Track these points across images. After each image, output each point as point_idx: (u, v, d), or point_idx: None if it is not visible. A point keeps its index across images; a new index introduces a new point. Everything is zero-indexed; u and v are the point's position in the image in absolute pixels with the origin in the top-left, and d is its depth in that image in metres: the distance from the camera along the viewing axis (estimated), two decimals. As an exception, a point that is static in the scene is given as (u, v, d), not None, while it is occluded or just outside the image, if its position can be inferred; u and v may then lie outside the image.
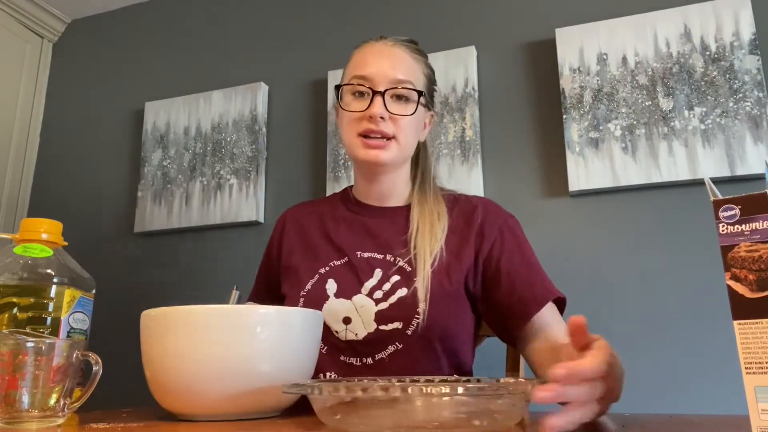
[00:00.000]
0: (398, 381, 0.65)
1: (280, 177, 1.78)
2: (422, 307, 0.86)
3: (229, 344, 0.62)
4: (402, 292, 0.88)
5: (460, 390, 0.46)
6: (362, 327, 0.88)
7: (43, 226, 0.76)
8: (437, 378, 0.66)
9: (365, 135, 0.90)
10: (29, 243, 0.75)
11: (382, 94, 0.90)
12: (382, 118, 0.89)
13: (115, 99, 2.05)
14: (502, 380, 0.53)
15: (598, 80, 1.48)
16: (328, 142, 1.69)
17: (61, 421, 0.60)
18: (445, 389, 0.46)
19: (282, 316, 0.67)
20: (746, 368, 0.40)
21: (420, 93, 0.93)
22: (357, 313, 0.88)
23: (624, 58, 1.47)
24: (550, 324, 0.87)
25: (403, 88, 0.91)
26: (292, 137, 1.80)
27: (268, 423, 0.62)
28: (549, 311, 0.88)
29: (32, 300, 0.72)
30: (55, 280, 0.74)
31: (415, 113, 0.92)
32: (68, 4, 2.12)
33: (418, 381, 0.66)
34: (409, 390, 0.46)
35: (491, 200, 1.02)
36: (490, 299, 0.92)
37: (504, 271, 0.90)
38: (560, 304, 0.91)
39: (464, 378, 0.66)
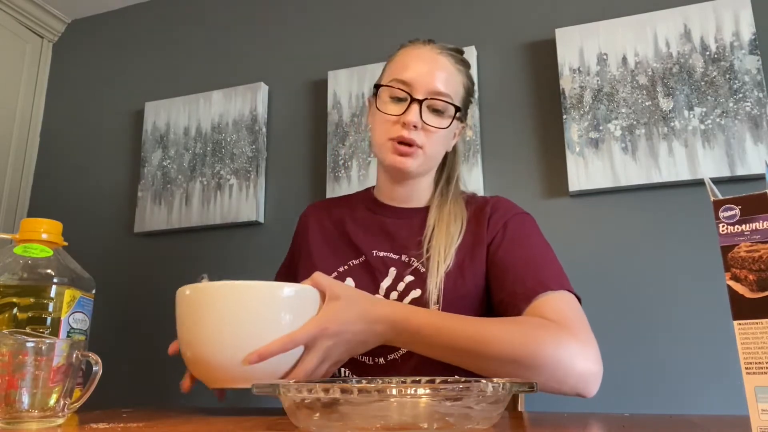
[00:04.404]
0: (368, 381, 0.65)
1: (280, 177, 1.78)
2: (434, 308, 0.86)
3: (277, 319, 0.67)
4: (416, 293, 0.88)
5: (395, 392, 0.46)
6: None
7: (43, 226, 0.76)
8: (424, 379, 0.65)
9: (396, 140, 0.90)
10: (29, 243, 0.75)
11: (420, 102, 0.89)
12: (415, 126, 0.89)
13: (115, 99, 2.05)
14: (461, 383, 0.49)
15: (598, 80, 1.48)
16: (328, 142, 1.69)
17: (61, 421, 0.60)
18: (381, 392, 0.46)
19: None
20: (746, 368, 0.40)
21: (457, 108, 0.92)
22: None
23: (624, 58, 1.47)
24: (539, 313, 0.78)
25: (441, 100, 0.90)
26: (292, 137, 1.80)
27: (269, 421, 0.62)
28: (543, 300, 0.79)
29: (32, 300, 0.72)
30: (55, 280, 0.74)
31: (448, 127, 0.92)
32: (68, 4, 2.12)
33: (389, 382, 0.67)
34: (350, 391, 0.46)
35: (508, 200, 0.98)
36: (490, 294, 0.90)
37: (499, 264, 0.88)
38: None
39: (428, 378, 0.65)
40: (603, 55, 1.49)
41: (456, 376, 0.67)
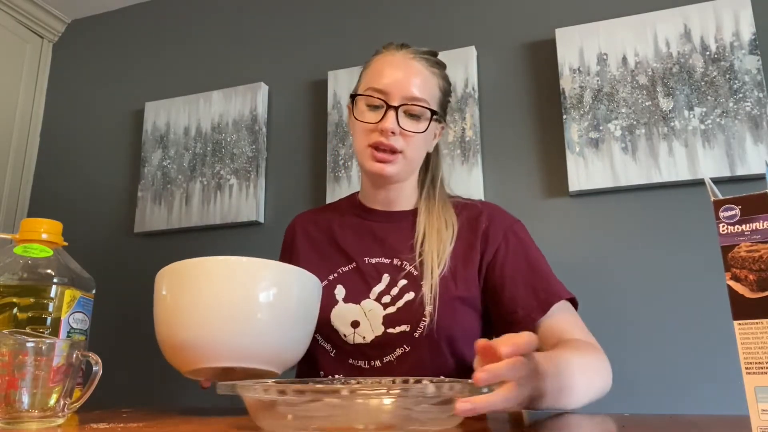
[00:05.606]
0: (344, 382, 0.66)
1: (280, 177, 1.78)
2: (429, 309, 0.86)
3: (250, 293, 0.72)
4: (409, 296, 0.89)
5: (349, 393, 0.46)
6: (370, 330, 0.88)
7: (43, 226, 0.76)
8: (412, 379, 0.65)
9: (375, 147, 0.91)
10: (29, 243, 0.75)
11: (396, 109, 0.90)
12: (393, 132, 0.90)
13: (115, 99, 2.05)
14: (429, 385, 0.49)
15: (598, 80, 1.48)
16: (328, 142, 1.69)
17: (61, 421, 0.60)
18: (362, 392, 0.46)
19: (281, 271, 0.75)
20: (746, 368, 0.40)
21: (433, 112, 0.93)
22: (365, 317, 0.89)
23: (624, 59, 1.47)
24: (561, 327, 0.86)
25: (416, 105, 0.91)
26: (292, 137, 1.80)
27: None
28: (558, 314, 0.87)
29: (32, 300, 0.72)
30: (55, 280, 0.74)
31: (425, 131, 0.93)
32: (68, 4, 2.12)
33: (378, 383, 0.67)
34: (313, 391, 0.46)
35: (498, 206, 1.02)
36: (495, 305, 0.92)
37: (508, 277, 0.91)
38: (574, 304, 0.91)
39: (390, 379, 0.66)
40: (603, 55, 1.49)
41: (419, 377, 0.66)
